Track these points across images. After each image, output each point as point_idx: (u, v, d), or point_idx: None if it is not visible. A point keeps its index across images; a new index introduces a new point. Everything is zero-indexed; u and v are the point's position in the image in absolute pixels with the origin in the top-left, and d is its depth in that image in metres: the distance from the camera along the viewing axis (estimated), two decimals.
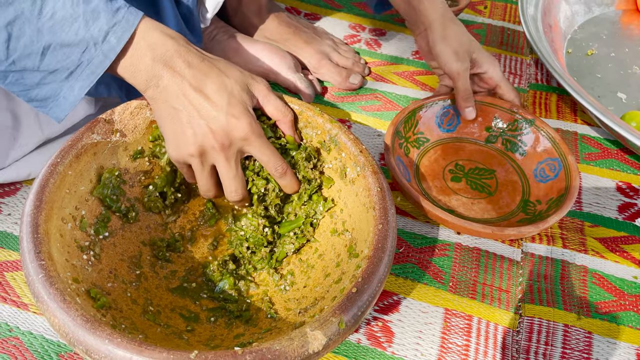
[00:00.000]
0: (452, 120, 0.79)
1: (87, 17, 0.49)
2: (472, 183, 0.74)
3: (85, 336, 0.40)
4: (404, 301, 0.62)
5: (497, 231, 0.63)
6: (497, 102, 0.77)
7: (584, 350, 0.59)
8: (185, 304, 0.56)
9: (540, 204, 0.70)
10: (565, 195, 0.67)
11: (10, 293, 0.60)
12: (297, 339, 0.41)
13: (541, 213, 0.68)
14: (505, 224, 0.69)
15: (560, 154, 0.72)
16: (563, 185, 0.69)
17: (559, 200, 0.67)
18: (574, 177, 0.69)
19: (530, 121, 0.76)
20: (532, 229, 0.63)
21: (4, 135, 0.65)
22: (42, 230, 0.47)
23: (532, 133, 0.75)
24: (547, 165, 0.73)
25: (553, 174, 0.72)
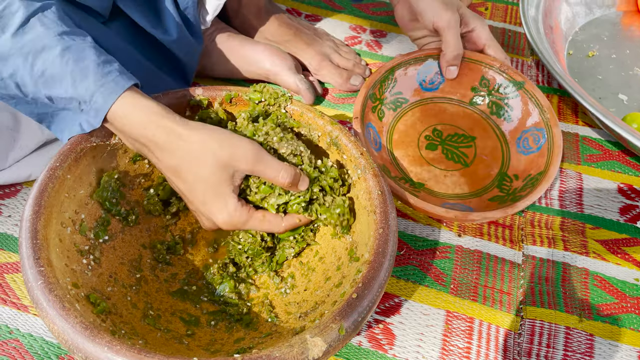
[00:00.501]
0: (435, 78, 0.73)
1: (75, 77, 0.50)
2: (448, 152, 0.69)
3: (84, 343, 0.40)
4: (405, 303, 0.62)
5: (461, 216, 0.59)
6: (486, 60, 0.72)
7: (586, 353, 0.59)
8: (185, 307, 0.56)
9: (517, 180, 0.65)
10: (542, 174, 0.62)
11: (11, 295, 0.60)
12: (297, 346, 0.41)
13: (515, 192, 0.63)
14: (475, 201, 0.65)
15: (546, 124, 0.66)
16: (543, 162, 0.64)
17: (535, 180, 0.62)
18: (555, 153, 0.63)
19: (519, 83, 0.69)
20: (498, 214, 0.59)
21: (4, 136, 0.65)
22: (41, 236, 0.46)
23: (520, 97, 0.69)
24: (531, 135, 0.68)
25: (536, 146, 0.66)
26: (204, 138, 0.51)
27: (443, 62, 0.70)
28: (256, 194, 0.54)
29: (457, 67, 0.71)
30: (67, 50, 0.50)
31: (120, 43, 0.69)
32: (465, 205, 0.66)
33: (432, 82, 0.73)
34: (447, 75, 0.72)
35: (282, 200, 0.54)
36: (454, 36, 0.69)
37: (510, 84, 0.70)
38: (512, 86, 0.70)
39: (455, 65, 0.71)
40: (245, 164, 0.52)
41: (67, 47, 0.50)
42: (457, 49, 0.70)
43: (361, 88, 0.67)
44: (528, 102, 0.69)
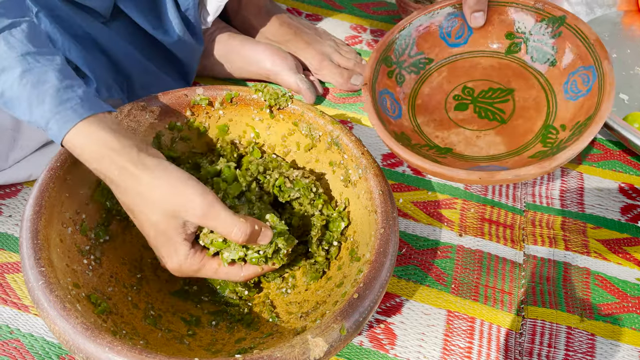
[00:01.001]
0: (462, 30, 0.64)
1: (32, 101, 0.48)
2: (482, 110, 0.61)
3: (85, 344, 0.40)
4: (406, 303, 0.62)
5: (486, 177, 0.51)
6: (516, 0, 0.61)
7: (587, 353, 0.59)
8: (186, 307, 0.56)
9: (565, 130, 0.56)
10: (592, 117, 0.52)
11: (11, 295, 0.60)
12: (299, 346, 0.41)
13: (560, 144, 0.54)
14: (514, 160, 0.57)
15: (595, 60, 0.56)
16: (594, 102, 0.54)
17: (583, 125, 0.53)
18: (607, 91, 0.53)
19: (560, 19, 0.59)
20: (533, 170, 0.50)
21: (5, 136, 0.65)
22: (41, 236, 0.46)
23: (562, 35, 0.59)
24: (579, 76, 0.58)
25: (585, 87, 0.57)
26: (155, 183, 0.48)
27: (466, 9, 0.61)
28: (209, 248, 0.51)
29: (483, 13, 0.61)
30: (27, 72, 0.48)
31: (120, 43, 0.69)
32: (501, 167, 0.57)
33: (458, 36, 0.63)
34: (473, 23, 0.62)
35: (236, 256, 0.51)
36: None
37: (549, 23, 0.60)
38: (552, 24, 0.60)
39: (481, 11, 0.61)
40: (194, 217, 0.48)
41: (27, 70, 0.48)
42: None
43: (372, 52, 0.60)
44: (573, 39, 0.58)
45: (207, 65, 0.84)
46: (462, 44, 0.64)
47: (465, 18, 0.63)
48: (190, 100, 0.61)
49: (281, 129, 0.63)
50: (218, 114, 0.62)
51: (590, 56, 0.57)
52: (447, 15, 0.63)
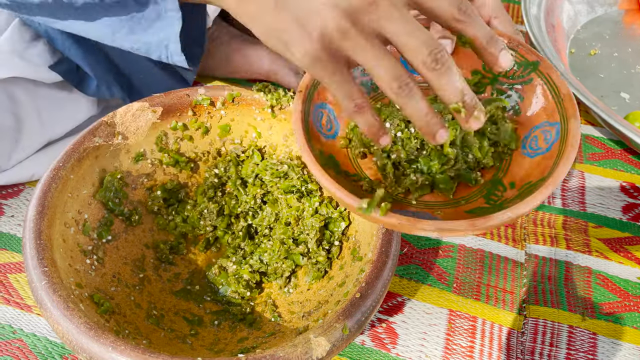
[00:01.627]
0: None
1: None
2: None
3: (89, 344, 0.40)
4: (408, 302, 0.62)
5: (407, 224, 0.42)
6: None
7: (589, 352, 0.59)
8: (189, 307, 0.56)
9: (513, 189, 0.49)
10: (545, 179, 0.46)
11: (14, 295, 0.60)
12: (301, 346, 0.41)
13: (502, 204, 0.48)
14: (449, 212, 0.50)
15: (562, 116, 0.49)
16: (550, 164, 0.47)
17: (534, 187, 0.46)
18: (567, 153, 0.46)
19: (533, 64, 0.52)
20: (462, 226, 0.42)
21: (6, 137, 0.65)
22: (44, 236, 0.47)
23: (533, 82, 0.52)
24: (542, 132, 0.51)
25: (546, 145, 0.50)
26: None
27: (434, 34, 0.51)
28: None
29: (452, 41, 0.52)
30: None
31: None
32: (432, 216, 0.50)
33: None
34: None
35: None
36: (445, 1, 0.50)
37: (522, 66, 0.53)
38: (524, 68, 0.53)
39: (449, 39, 0.52)
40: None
41: None
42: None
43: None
44: (543, 89, 0.52)
45: (208, 65, 0.85)
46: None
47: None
48: (192, 100, 0.61)
49: (283, 128, 0.63)
50: (220, 114, 0.62)
51: (558, 111, 0.50)
52: None
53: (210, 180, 0.62)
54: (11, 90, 0.64)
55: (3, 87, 0.63)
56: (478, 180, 0.51)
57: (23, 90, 0.65)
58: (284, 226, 0.59)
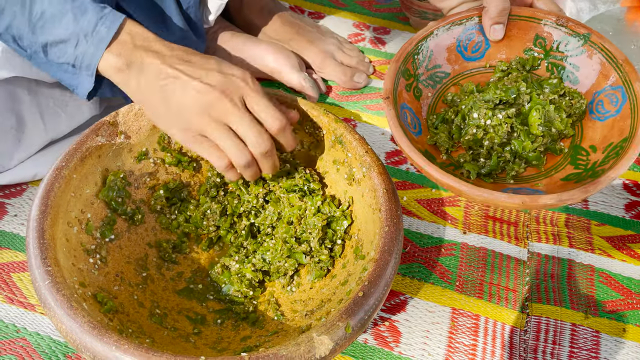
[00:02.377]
0: (479, 44, 0.61)
1: (76, 12, 0.52)
2: None
3: (92, 343, 0.40)
4: (410, 301, 0.62)
5: (530, 201, 0.48)
6: (538, 14, 0.58)
7: (592, 350, 0.59)
8: (191, 306, 0.56)
9: (596, 152, 0.54)
10: (629, 139, 0.50)
11: (17, 294, 0.60)
12: (304, 344, 0.41)
13: (594, 166, 0.52)
14: (545, 182, 0.54)
15: (624, 81, 0.54)
16: (627, 124, 0.52)
17: (620, 148, 0.51)
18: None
19: (584, 36, 0.57)
20: (577, 194, 0.47)
21: (9, 136, 0.65)
22: (48, 236, 0.47)
23: (586, 52, 0.56)
24: (607, 96, 0.55)
25: (615, 108, 0.54)
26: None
27: (486, 20, 0.58)
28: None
29: (503, 26, 0.59)
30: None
31: None
32: (532, 189, 0.55)
33: (475, 50, 0.60)
34: (492, 35, 0.60)
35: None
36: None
37: (572, 39, 0.57)
38: (575, 41, 0.57)
39: (501, 23, 0.58)
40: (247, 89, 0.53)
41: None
42: (502, 1, 0.57)
43: (390, 63, 0.57)
44: (598, 58, 0.56)
45: None
46: (478, 58, 0.62)
47: (483, 31, 0.60)
48: None
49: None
50: None
51: (619, 76, 0.55)
52: (464, 27, 0.60)
53: (213, 179, 0.62)
54: (13, 90, 0.64)
55: (5, 86, 0.63)
56: (562, 150, 0.57)
57: (25, 89, 0.65)
58: (286, 225, 0.59)
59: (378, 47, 0.94)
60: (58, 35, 0.52)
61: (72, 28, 0.52)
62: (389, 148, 0.78)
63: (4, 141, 0.65)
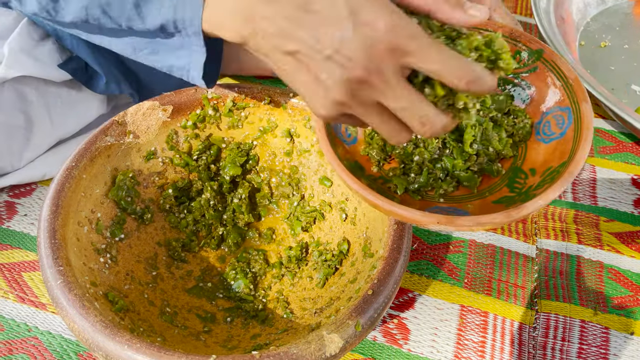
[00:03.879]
0: None
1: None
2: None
3: (105, 342, 0.41)
4: (419, 298, 0.62)
5: (445, 221, 0.44)
6: (491, 27, 0.55)
7: (601, 346, 0.59)
8: (201, 304, 0.56)
9: (534, 176, 0.51)
10: (566, 163, 0.47)
11: (28, 293, 0.60)
12: (314, 342, 0.41)
13: (528, 190, 0.50)
14: (477, 204, 0.52)
15: (572, 101, 0.51)
16: (568, 148, 0.49)
17: (556, 172, 0.48)
18: (583, 136, 0.48)
19: (536, 52, 0.54)
20: (498, 218, 0.44)
21: (17, 136, 0.66)
22: (59, 235, 0.47)
23: (538, 70, 0.54)
24: (554, 117, 0.53)
25: (559, 130, 0.51)
26: None
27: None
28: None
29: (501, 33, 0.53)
30: None
31: None
32: (461, 210, 0.53)
33: None
34: None
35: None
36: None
37: (524, 55, 0.55)
38: (527, 57, 0.55)
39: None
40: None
41: None
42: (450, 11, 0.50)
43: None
44: (548, 76, 0.53)
45: None
46: None
47: None
48: (201, 99, 0.61)
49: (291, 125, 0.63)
50: (229, 111, 0.63)
51: (567, 96, 0.52)
52: None
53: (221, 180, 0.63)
54: (21, 89, 0.65)
55: (13, 86, 0.64)
56: (500, 171, 0.53)
57: (33, 89, 0.65)
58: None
59: None
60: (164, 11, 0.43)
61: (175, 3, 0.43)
62: None
63: (13, 140, 0.65)
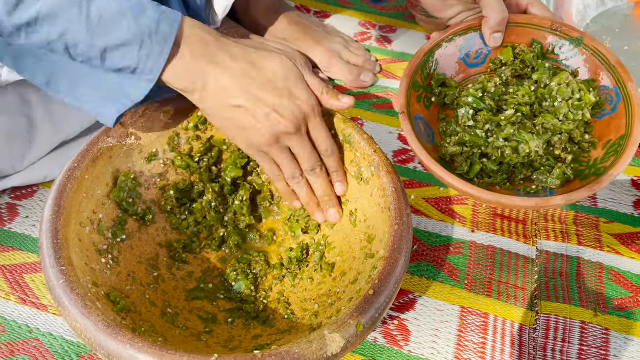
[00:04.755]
0: (480, 51, 0.65)
1: (135, 12, 0.49)
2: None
3: (107, 341, 0.41)
4: (419, 299, 0.62)
5: (543, 203, 0.52)
6: (533, 20, 0.63)
7: (602, 347, 0.59)
8: (202, 305, 0.57)
9: (596, 149, 0.58)
10: (626, 136, 0.55)
11: (30, 295, 0.61)
12: (316, 342, 0.42)
13: (596, 163, 0.57)
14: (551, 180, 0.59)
15: (617, 81, 0.59)
16: (623, 123, 0.56)
17: (618, 145, 0.55)
18: (636, 112, 0.56)
19: (577, 40, 0.61)
20: (584, 193, 0.52)
21: (20, 138, 0.66)
22: (61, 236, 0.47)
23: (580, 55, 0.62)
24: (601, 95, 0.60)
25: (610, 107, 0.59)
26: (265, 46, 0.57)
27: (486, 30, 0.63)
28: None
29: (502, 34, 0.64)
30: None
31: None
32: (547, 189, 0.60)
33: (477, 56, 0.65)
34: (492, 43, 0.65)
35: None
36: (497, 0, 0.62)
37: (566, 42, 0.62)
38: (568, 44, 0.62)
39: (501, 32, 0.64)
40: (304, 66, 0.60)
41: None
42: (501, 12, 0.62)
43: (402, 78, 0.61)
44: (591, 60, 0.61)
45: None
46: (480, 64, 0.66)
47: (483, 39, 0.65)
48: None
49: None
50: None
51: (612, 77, 0.59)
52: (466, 37, 0.64)
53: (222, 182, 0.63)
54: (23, 92, 0.65)
55: (15, 89, 0.64)
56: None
57: (35, 92, 0.66)
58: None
59: (384, 45, 0.94)
60: (119, 38, 0.48)
61: (135, 29, 0.48)
62: (396, 147, 0.78)
63: (15, 143, 0.65)
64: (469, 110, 0.60)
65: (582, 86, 0.60)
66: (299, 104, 0.54)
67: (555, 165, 0.59)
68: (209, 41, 0.52)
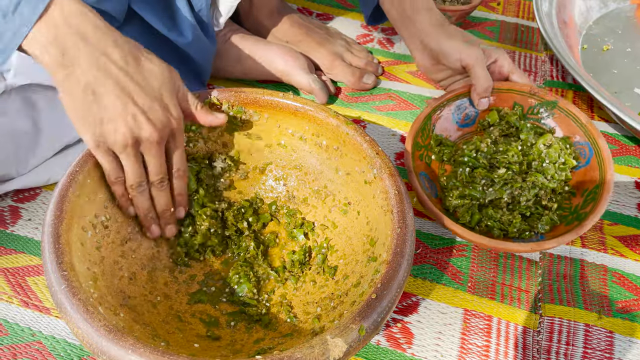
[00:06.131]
0: (470, 114, 0.75)
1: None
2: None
3: (109, 346, 0.41)
4: (422, 302, 0.62)
5: (536, 247, 0.60)
6: (515, 87, 0.73)
7: (606, 350, 0.58)
8: (204, 308, 0.56)
9: (576, 197, 0.66)
10: (600, 186, 0.63)
11: (32, 298, 0.60)
12: (318, 347, 0.41)
13: (577, 209, 0.64)
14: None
15: (589, 137, 0.68)
16: (596, 175, 0.65)
17: (594, 193, 0.64)
18: (607, 164, 0.65)
19: (552, 103, 0.72)
20: (571, 236, 0.60)
21: (25, 142, 0.66)
22: (63, 240, 0.47)
23: (555, 116, 0.72)
24: (576, 150, 0.69)
25: (584, 160, 0.68)
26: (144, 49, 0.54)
27: (474, 96, 0.73)
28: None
29: (488, 99, 0.74)
30: None
31: None
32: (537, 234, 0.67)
33: (467, 118, 0.75)
34: (480, 107, 0.74)
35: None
36: (483, 69, 0.72)
37: (543, 105, 0.73)
38: (545, 107, 0.73)
39: (487, 97, 0.73)
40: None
41: None
42: (487, 81, 0.72)
43: (406, 141, 0.68)
44: (565, 120, 0.71)
45: (220, 66, 0.85)
46: (470, 124, 0.75)
47: (472, 103, 0.74)
48: (205, 103, 0.61)
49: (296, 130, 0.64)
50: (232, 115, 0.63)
51: (584, 134, 0.69)
52: (456, 102, 0.74)
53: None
54: (28, 96, 0.65)
55: (20, 93, 0.64)
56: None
57: (40, 96, 0.66)
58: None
59: (387, 47, 0.94)
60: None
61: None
62: (398, 149, 0.78)
63: (20, 147, 0.66)
64: (465, 168, 0.69)
65: (564, 148, 0.69)
66: (169, 117, 0.52)
67: (544, 212, 0.66)
68: (98, 25, 0.48)
